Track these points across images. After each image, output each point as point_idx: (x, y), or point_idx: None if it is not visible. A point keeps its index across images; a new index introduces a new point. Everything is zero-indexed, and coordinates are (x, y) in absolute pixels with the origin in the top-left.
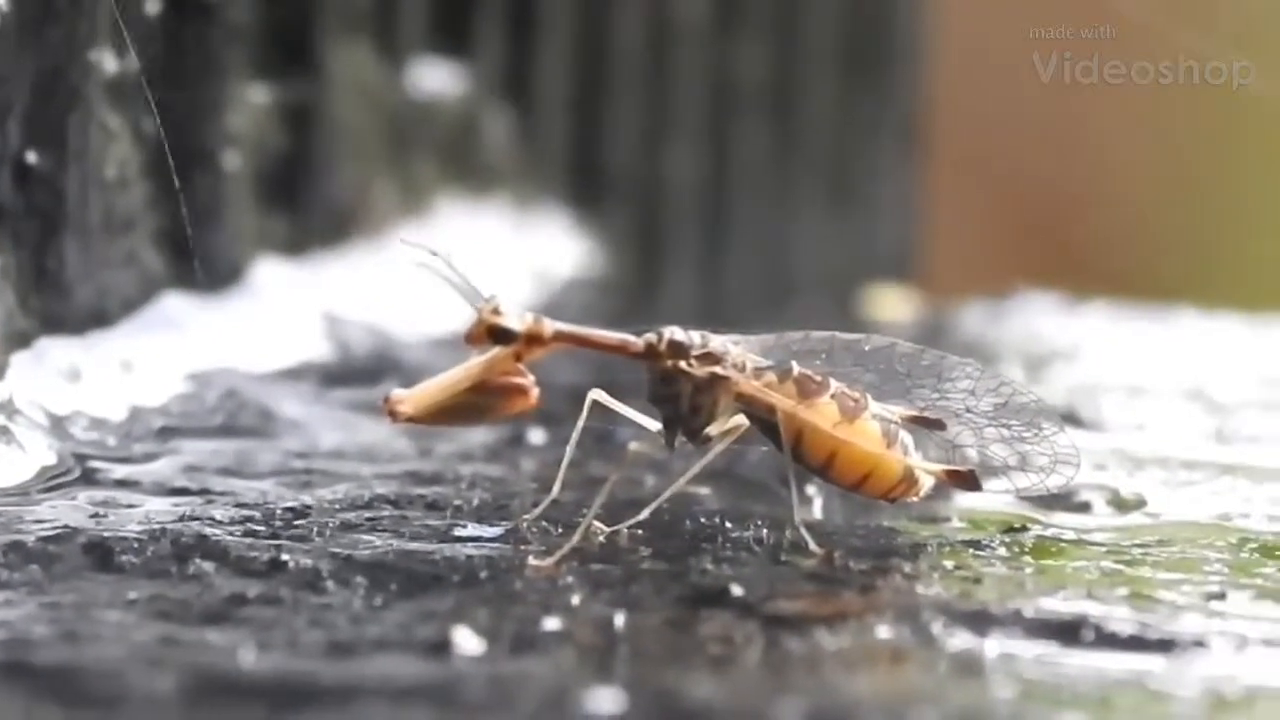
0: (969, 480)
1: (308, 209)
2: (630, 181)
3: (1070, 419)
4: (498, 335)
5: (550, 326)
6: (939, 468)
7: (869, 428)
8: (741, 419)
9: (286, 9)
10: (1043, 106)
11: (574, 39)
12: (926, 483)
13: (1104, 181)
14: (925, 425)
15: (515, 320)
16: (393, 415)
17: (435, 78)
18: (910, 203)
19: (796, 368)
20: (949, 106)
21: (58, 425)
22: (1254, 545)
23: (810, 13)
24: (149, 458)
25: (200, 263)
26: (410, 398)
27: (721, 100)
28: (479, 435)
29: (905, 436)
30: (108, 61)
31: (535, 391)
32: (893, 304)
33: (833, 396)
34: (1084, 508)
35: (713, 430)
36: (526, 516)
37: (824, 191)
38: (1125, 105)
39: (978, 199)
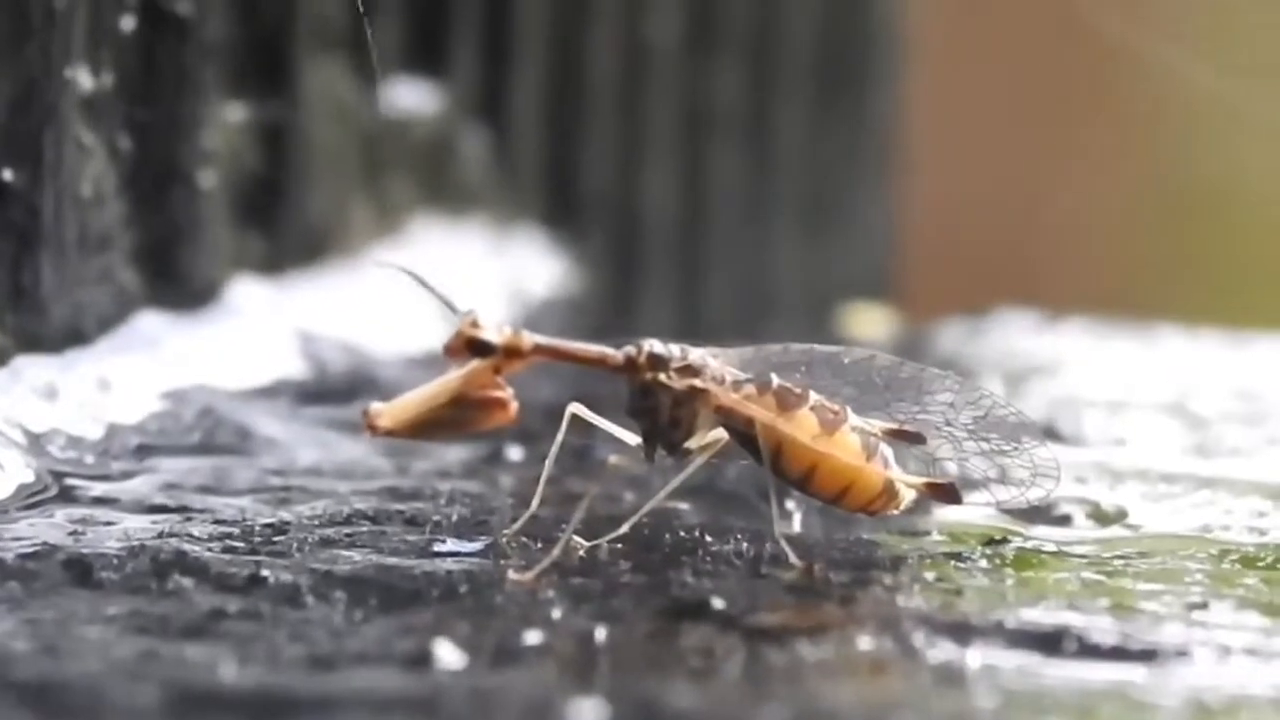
0: (949, 493)
1: (283, 227)
2: (606, 201)
3: (1050, 433)
4: (477, 348)
5: (529, 339)
6: (919, 480)
7: (849, 440)
8: (721, 432)
9: (261, 27)
10: (1018, 128)
11: (549, 59)
12: (907, 496)
13: (1079, 200)
14: (904, 439)
15: (494, 333)
16: (371, 429)
17: (411, 97)
18: (886, 224)
19: (776, 380)
20: (924, 127)
21: (35, 443)
22: (1235, 557)
23: (784, 36)
24: (127, 475)
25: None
26: (389, 411)
27: (696, 121)
28: (456, 451)
29: (885, 449)
30: (83, 78)
31: (514, 405)
32: (870, 322)
33: (812, 409)
34: (1064, 520)
35: (692, 444)
36: (506, 531)
37: (799, 212)
38: (1101, 124)
39: (954, 219)
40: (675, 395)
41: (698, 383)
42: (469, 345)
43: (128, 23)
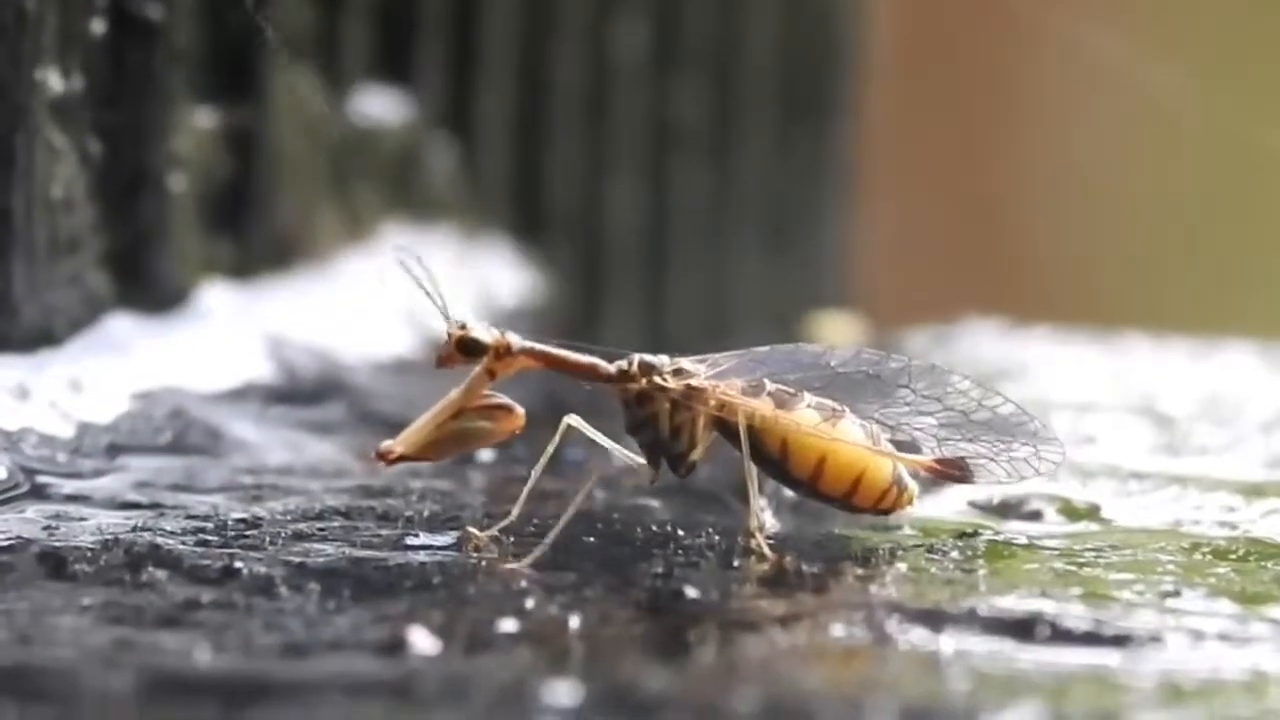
0: (960, 469)
1: (252, 233)
2: (572, 213)
3: None
4: (468, 347)
5: (518, 341)
6: (928, 459)
7: (853, 430)
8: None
9: (230, 34)
10: (983, 137)
11: (515, 72)
12: (914, 489)
13: (1045, 210)
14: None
15: (484, 333)
16: (383, 458)
17: (378, 105)
18: (849, 236)
19: (769, 383)
20: (888, 139)
21: (7, 441)
22: (1206, 549)
23: (748, 53)
24: (98, 474)
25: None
26: (400, 439)
27: (661, 136)
28: None
29: (886, 440)
30: (53, 80)
31: (521, 410)
32: (837, 330)
33: (809, 406)
34: (1035, 516)
35: (696, 455)
36: (474, 530)
37: (762, 226)
38: (1066, 133)
39: (918, 231)
40: (673, 398)
41: (694, 381)
42: (460, 345)
43: (97, 26)
